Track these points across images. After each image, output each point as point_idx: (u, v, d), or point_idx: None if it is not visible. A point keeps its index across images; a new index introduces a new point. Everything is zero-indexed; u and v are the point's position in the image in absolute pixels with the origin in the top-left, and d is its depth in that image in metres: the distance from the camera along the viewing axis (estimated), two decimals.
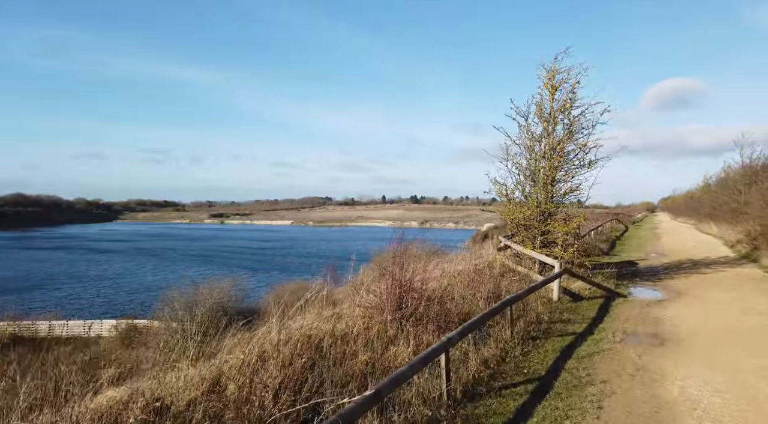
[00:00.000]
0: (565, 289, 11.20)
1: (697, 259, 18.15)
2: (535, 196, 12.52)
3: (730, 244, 22.89)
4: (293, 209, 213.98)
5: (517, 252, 13.42)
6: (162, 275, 45.44)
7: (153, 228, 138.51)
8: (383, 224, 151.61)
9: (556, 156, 12.38)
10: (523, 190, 12.72)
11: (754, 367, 6.36)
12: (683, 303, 10.55)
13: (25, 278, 45.46)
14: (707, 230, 35.08)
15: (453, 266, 11.74)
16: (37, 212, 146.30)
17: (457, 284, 9.97)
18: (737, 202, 31.87)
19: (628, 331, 8.30)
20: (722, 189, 35.69)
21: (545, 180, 12.35)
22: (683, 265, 16.81)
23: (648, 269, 16.22)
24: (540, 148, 12.65)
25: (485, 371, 6.10)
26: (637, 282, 13.50)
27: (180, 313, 15.82)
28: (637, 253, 20.82)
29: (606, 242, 23.49)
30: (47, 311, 30.33)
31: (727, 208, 32.80)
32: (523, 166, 12.73)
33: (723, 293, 11.54)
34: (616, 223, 40.88)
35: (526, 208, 12.42)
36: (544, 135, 12.66)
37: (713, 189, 42.90)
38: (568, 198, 12.76)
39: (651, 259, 18.84)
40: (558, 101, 12.67)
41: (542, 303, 9.70)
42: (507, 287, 10.56)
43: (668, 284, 13.15)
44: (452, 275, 11.05)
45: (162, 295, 20.50)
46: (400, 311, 6.70)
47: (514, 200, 12.61)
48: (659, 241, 27.08)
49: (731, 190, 33.40)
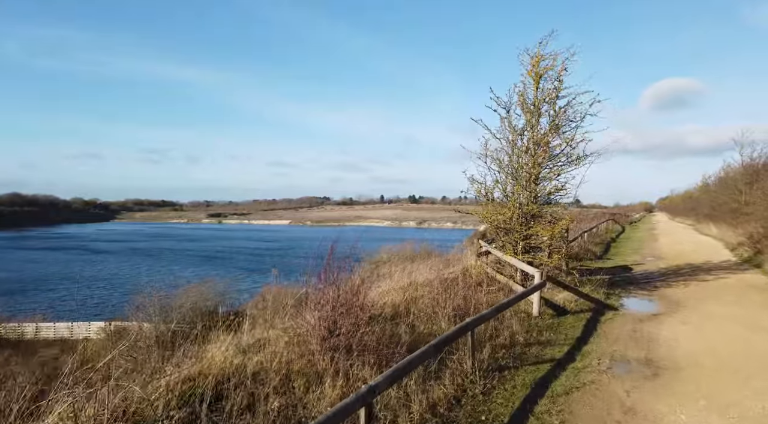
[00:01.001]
0: (548, 301, 9.91)
1: (696, 264, 16.88)
2: (517, 196, 11.22)
3: (731, 246, 21.63)
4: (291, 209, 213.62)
5: (498, 258, 12.13)
6: (158, 276, 44.34)
7: (150, 228, 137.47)
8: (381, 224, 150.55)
9: (540, 151, 11.09)
10: (504, 190, 11.42)
11: None
12: (681, 318, 9.26)
13: (17, 278, 44.28)
14: (706, 230, 33.88)
15: (423, 274, 10.43)
16: (33, 211, 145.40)
17: (422, 297, 8.67)
18: (738, 202, 30.67)
19: (616, 356, 7.01)
20: (722, 189, 34.47)
21: (528, 178, 11.06)
22: (682, 270, 15.54)
23: (643, 275, 14.94)
24: (522, 142, 11.36)
25: (432, 419, 4.80)
26: (630, 291, 12.22)
27: (155, 318, 14.95)
28: (633, 256, 19.54)
29: (600, 245, 22.21)
30: (38, 312, 29.51)
31: (727, 208, 31.61)
32: (504, 163, 11.44)
33: (726, 306, 10.26)
34: (612, 223, 39.63)
35: (507, 210, 11.11)
36: (526, 128, 11.37)
37: (712, 189, 41.71)
38: (554, 198, 11.46)
39: (647, 263, 17.56)
40: (543, 91, 11.38)
41: (519, 319, 8.40)
42: (481, 300, 9.26)
43: (665, 293, 11.87)
44: (419, 285, 9.76)
45: (134, 298, 19.58)
46: (331, 338, 5.39)
47: (493, 201, 11.30)
48: (656, 243, 25.82)
49: (731, 189, 32.20)
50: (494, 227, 11.16)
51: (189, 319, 15.81)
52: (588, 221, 29.98)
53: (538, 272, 9.03)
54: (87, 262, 57.07)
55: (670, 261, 17.73)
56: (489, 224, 11.11)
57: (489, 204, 11.35)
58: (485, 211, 11.15)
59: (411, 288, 9.62)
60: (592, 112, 11.12)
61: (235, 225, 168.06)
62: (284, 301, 7.66)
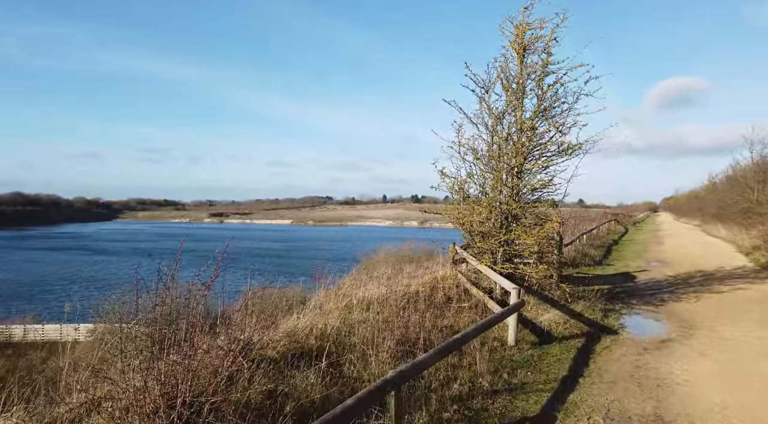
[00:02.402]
0: (531, 323, 7.99)
1: (708, 271, 14.92)
2: (496, 193, 9.31)
3: (744, 250, 19.63)
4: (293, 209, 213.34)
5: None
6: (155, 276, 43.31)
7: (151, 227, 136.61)
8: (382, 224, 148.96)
9: (524, 138, 9.16)
10: (481, 185, 9.49)
11: None
12: (698, 346, 7.33)
13: (14, 280, 42.93)
14: (714, 232, 31.89)
15: (377, 287, 8.51)
16: (35, 210, 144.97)
17: (365, 321, 6.77)
18: (749, 201, 28.65)
19: (613, 411, 5.08)
20: (731, 187, 32.38)
21: (508, 170, 9.14)
22: (692, 279, 13.58)
23: (648, 284, 12.99)
24: (503, 128, 9.43)
25: None
26: (633, 306, 10.28)
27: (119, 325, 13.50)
28: (636, 262, 17.57)
29: (600, 248, 20.23)
30: (32, 313, 28.39)
31: (737, 208, 29.57)
32: (481, 153, 9.50)
33: (751, 327, 8.31)
34: (615, 224, 37.63)
35: (483, 209, 9.18)
36: (508, 111, 9.44)
37: (720, 188, 39.62)
38: (541, 195, 9.54)
39: (652, 270, 15.61)
40: (528, 66, 9.45)
41: (489, 351, 6.49)
42: (444, 324, 7.35)
43: (674, 309, 9.92)
44: (374, 301, 7.86)
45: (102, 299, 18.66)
46: (169, 410, 3.46)
47: (468, 199, 9.36)
48: (662, 246, 23.82)
49: (742, 188, 30.14)
50: (467, 231, 9.21)
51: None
52: (588, 222, 28.02)
53: (515, 289, 7.09)
54: (86, 262, 55.99)
55: (678, 267, 15.76)
56: (461, 227, 9.17)
57: (462, 203, 9.42)
58: (457, 211, 9.20)
59: (360, 306, 7.73)
60: (588, 92, 9.20)
61: (236, 224, 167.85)
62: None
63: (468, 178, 9.32)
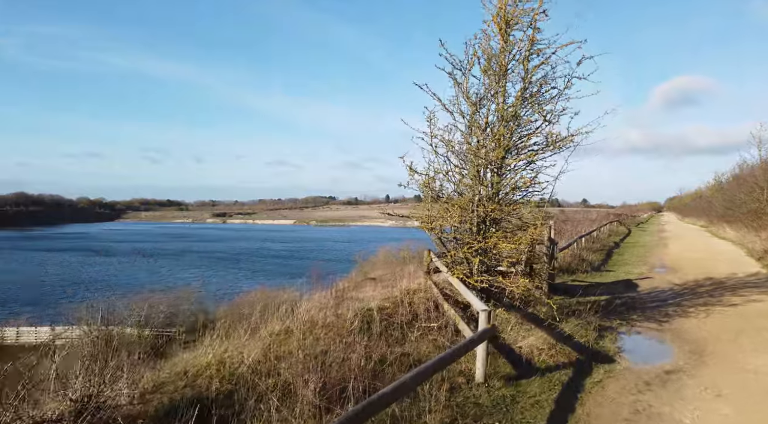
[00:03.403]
0: (510, 349, 6.64)
1: (718, 278, 13.51)
2: (474, 192, 7.95)
3: (756, 255, 18.19)
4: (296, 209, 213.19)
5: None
6: (156, 277, 42.11)
7: (154, 228, 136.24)
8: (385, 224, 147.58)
9: (504, 129, 7.80)
10: (456, 183, 8.13)
11: None
12: (711, 383, 5.95)
13: (12, 281, 41.69)
14: (722, 233, 30.46)
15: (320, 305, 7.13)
16: (38, 211, 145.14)
17: (293, 353, 5.43)
18: (759, 201, 27.19)
19: None
20: (740, 187, 30.89)
21: (486, 165, 7.77)
22: (700, 288, 12.19)
23: (651, 295, 11.61)
24: (482, 116, 8.06)
25: None
26: (633, 322, 8.91)
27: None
28: (638, 267, 16.16)
29: (600, 252, 18.81)
30: (26, 316, 27.49)
31: (746, 208, 28.11)
32: (458, 145, 8.14)
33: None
34: (617, 225, 36.18)
35: (456, 210, 7.81)
36: (488, 96, 8.08)
37: (727, 188, 38.10)
38: (526, 194, 8.17)
39: (656, 277, 14.21)
40: (512, 44, 8.08)
41: (450, 390, 5.15)
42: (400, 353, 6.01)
43: (681, 327, 8.55)
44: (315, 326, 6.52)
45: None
46: None
47: (440, 199, 7.99)
48: (666, 249, 22.38)
49: (751, 187, 28.67)
50: (437, 237, 7.83)
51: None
52: (589, 223, 26.62)
53: (485, 312, 5.72)
54: (86, 263, 54.84)
55: (685, 274, 14.36)
56: (430, 232, 7.79)
57: (431, 203, 8.05)
58: (425, 214, 7.82)
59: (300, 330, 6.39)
60: (580, 74, 7.84)
61: (238, 225, 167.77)
62: None
63: (440, 173, 7.96)
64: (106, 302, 36.08)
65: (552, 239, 11.92)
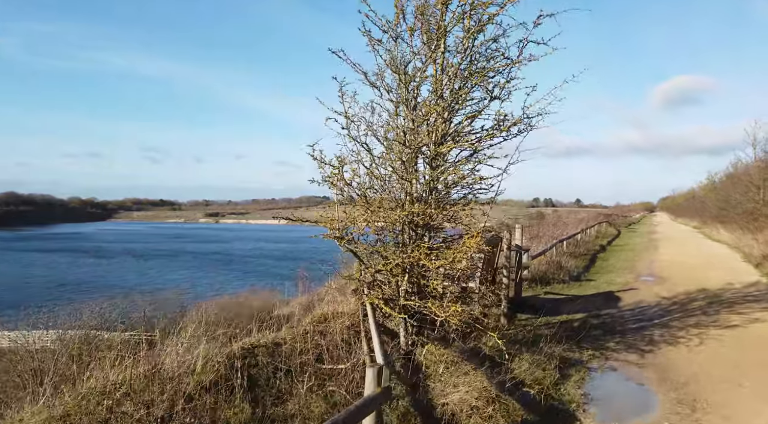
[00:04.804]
0: (430, 407, 4.81)
1: (712, 289, 11.79)
2: (400, 189, 6.13)
3: (754, 260, 16.51)
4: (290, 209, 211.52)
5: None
6: (146, 279, 40.48)
7: (145, 228, 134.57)
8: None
9: (443, 106, 5.98)
10: (379, 178, 6.28)
11: None
12: None
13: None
14: (716, 235, 28.90)
15: None
16: (28, 211, 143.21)
17: None
18: (754, 201, 25.62)
19: None
20: (734, 187, 29.30)
21: (412, 154, 5.94)
22: (692, 303, 10.46)
23: (635, 312, 9.85)
24: (410, 92, 6.22)
25: None
26: (608, 352, 7.14)
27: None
28: (623, 275, 14.39)
29: (582, 258, 17.04)
30: (4, 318, 25.68)
31: (741, 209, 26.54)
32: (382, 129, 6.31)
33: None
34: (606, 226, 34.53)
35: (380, 213, 5.97)
36: (421, 66, 6.25)
37: (721, 187, 36.58)
38: (471, 191, 6.36)
39: (642, 287, 12.47)
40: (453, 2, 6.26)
41: None
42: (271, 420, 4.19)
43: (668, 360, 6.78)
44: None
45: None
46: None
47: (354, 199, 6.14)
48: (656, 253, 20.66)
49: (746, 187, 27.08)
50: (345, 248, 5.97)
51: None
52: (573, 225, 24.91)
53: (373, 369, 3.85)
54: (74, 265, 52.37)
55: (675, 284, 12.62)
56: (339, 242, 5.93)
57: (339, 204, 6.19)
58: (332, 221, 5.94)
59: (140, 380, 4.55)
60: (539, 39, 6.04)
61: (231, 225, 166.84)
62: None
63: (358, 164, 6.12)
64: (88, 305, 34.41)
65: (519, 245, 10.14)
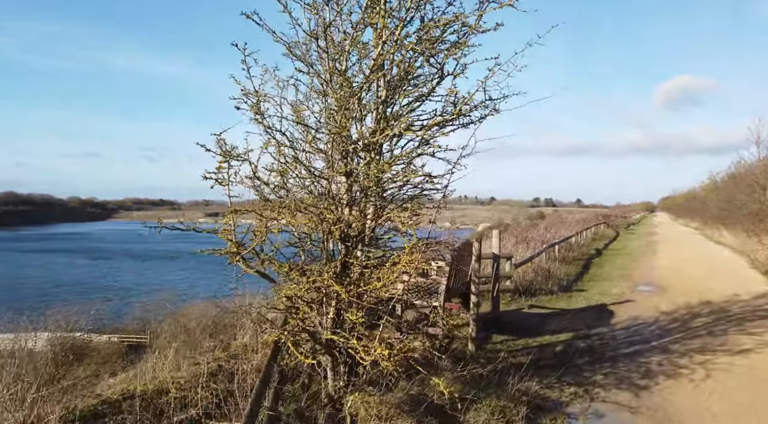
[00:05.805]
0: None
1: (718, 302, 10.49)
2: (327, 188, 4.83)
3: (762, 267, 15.21)
4: None
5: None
6: (143, 280, 39.86)
7: (144, 227, 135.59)
8: None
9: (384, 85, 4.69)
10: (300, 175, 4.96)
11: None
12: None
13: None
14: (718, 237, 27.64)
15: None
16: (28, 210, 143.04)
17: None
18: (760, 202, 24.29)
19: None
20: (738, 186, 27.97)
21: (347, 145, 4.64)
22: (696, 320, 9.16)
23: (630, 331, 8.54)
24: (345, 66, 4.90)
25: None
26: (594, 388, 5.83)
27: None
28: (618, 285, 13.07)
29: (575, 263, 15.72)
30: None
31: (745, 210, 25.21)
32: (307, 112, 5.00)
33: None
34: (604, 227, 33.24)
35: (301, 219, 4.67)
36: (358, 34, 4.93)
37: (723, 187, 35.28)
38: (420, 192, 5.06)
39: (638, 299, 11.16)
40: None
41: None
42: None
43: (668, 401, 5.47)
44: None
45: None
46: None
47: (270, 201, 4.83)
48: (655, 258, 19.35)
49: (750, 187, 25.78)
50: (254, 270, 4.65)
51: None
52: (569, 227, 23.61)
53: None
54: (70, 265, 51.64)
55: (676, 296, 11.31)
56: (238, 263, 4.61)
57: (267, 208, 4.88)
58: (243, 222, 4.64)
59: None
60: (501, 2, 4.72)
61: None
62: None
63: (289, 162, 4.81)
64: (80, 306, 33.64)
65: (497, 253, 8.84)
